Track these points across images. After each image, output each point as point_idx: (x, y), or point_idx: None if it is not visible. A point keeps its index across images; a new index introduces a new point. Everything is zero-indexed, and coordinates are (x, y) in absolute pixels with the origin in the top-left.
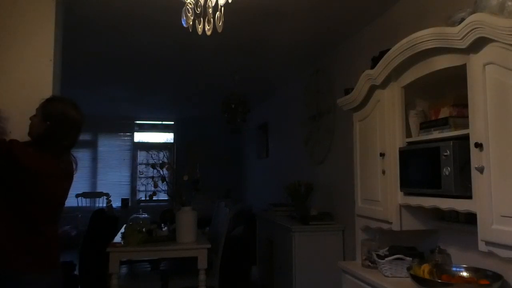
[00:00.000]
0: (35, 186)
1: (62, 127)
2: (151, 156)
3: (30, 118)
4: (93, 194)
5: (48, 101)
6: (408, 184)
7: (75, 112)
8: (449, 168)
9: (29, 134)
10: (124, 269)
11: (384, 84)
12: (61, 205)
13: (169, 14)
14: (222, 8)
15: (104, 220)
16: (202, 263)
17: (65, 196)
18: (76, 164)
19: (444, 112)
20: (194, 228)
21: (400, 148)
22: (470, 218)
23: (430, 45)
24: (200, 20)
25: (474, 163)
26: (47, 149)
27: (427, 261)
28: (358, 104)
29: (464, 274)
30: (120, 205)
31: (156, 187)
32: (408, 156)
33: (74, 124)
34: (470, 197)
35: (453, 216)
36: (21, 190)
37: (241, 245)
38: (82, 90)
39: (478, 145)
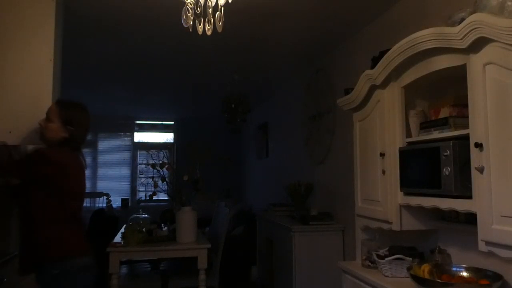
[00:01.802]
0: (71, 180)
1: (81, 130)
2: (151, 156)
3: (45, 125)
4: (93, 194)
5: (65, 107)
6: (408, 184)
7: (88, 115)
8: (449, 168)
9: (47, 138)
10: (124, 269)
11: (384, 84)
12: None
13: (169, 14)
14: (222, 8)
15: (104, 220)
16: (202, 263)
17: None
18: (85, 160)
19: (444, 112)
20: (194, 228)
21: (400, 148)
22: (470, 218)
23: (430, 45)
24: (200, 20)
25: (474, 163)
26: (71, 149)
27: (427, 261)
28: (358, 104)
29: (464, 274)
30: (120, 205)
31: (156, 187)
32: (408, 156)
33: (89, 126)
34: (470, 197)
35: (453, 216)
36: (61, 186)
37: (241, 245)
38: (82, 90)
39: (478, 145)
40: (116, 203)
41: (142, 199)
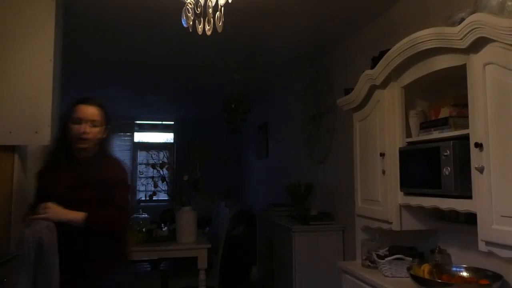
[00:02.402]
0: None
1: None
2: (151, 156)
3: (92, 131)
4: None
5: (103, 107)
6: (408, 184)
7: None
8: (449, 168)
9: (91, 143)
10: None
11: (384, 84)
12: None
13: (169, 14)
14: (222, 8)
15: None
16: (202, 263)
17: None
18: None
19: (444, 112)
20: (194, 228)
21: (400, 148)
22: (470, 218)
23: (430, 45)
24: (200, 20)
25: (474, 163)
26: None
27: (427, 261)
28: (358, 104)
29: (464, 274)
30: None
31: (156, 187)
32: (408, 156)
33: None
34: (470, 197)
35: (453, 216)
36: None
37: (241, 245)
38: (82, 90)
39: (478, 145)
40: None
41: (142, 199)
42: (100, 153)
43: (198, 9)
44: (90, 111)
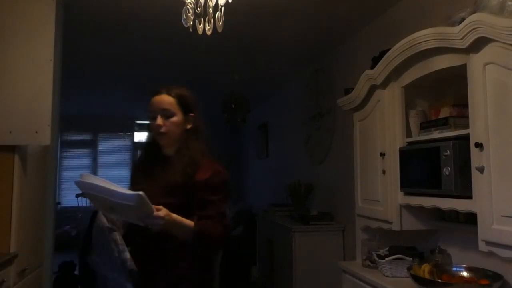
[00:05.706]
0: None
1: (199, 113)
2: None
3: (167, 123)
4: None
5: (178, 94)
6: (408, 184)
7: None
8: (449, 168)
9: (171, 136)
10: None
11: (384, 84)
12: None
13: (169, 14)
14: (222, 8)
15: None
16: None
17: None
18: None
19: (444, 112)
20: None
21: (400, 148)
22: (470, 218)
23: (430, 45)
24: (200, 20)
25: (474, 163)
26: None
27: (427, 261)
28: (358, 104)
29: (464, 274)
30: None
31: None
32: (408, 156)
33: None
34: (470, 197)
35: (453, 216)
36: None
37: (241, 245)
38: (82, 90)
39: (478, 145)
40: None
41: None
42: (182, 149)
43: (198, 9)
44: (160, 100)
